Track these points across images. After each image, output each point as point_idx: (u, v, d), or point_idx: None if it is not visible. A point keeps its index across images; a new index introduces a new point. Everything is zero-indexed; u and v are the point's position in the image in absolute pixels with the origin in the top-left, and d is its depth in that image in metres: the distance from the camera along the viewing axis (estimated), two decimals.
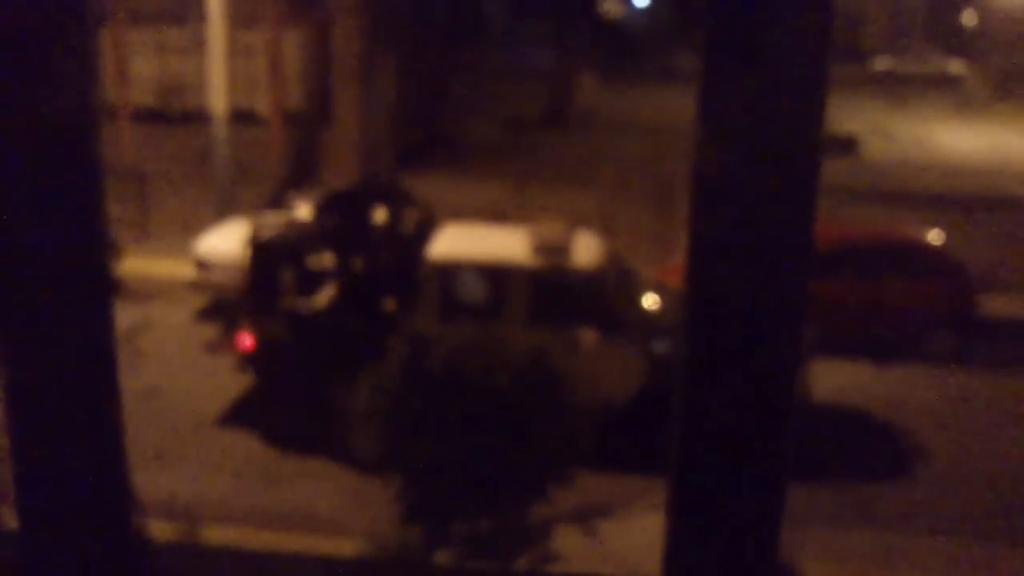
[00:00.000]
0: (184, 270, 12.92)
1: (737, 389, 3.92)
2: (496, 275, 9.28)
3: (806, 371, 9.65)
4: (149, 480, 6.09)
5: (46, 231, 3.97)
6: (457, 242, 9.65)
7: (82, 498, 4.24)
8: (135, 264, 13.37)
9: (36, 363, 4.10)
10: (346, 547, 7.42)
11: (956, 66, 41.96)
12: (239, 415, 9.95)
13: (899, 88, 38.92)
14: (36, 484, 4.23)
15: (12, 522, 6.10)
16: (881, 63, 42.93)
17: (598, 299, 9.27)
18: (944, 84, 39.93)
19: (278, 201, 11.22)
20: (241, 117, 17.44)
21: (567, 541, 7.55)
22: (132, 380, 4.47)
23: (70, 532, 4.27)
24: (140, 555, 4.82)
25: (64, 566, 4.29)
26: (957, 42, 45.01)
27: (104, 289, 4.27)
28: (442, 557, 7.13)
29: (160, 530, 6.30)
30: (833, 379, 10.88)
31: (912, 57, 43.17)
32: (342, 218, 9.68)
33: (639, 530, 7.75)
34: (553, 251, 9.27)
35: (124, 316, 4.11)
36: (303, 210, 10.51)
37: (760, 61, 3.54)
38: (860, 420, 10.46)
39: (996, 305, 13.07)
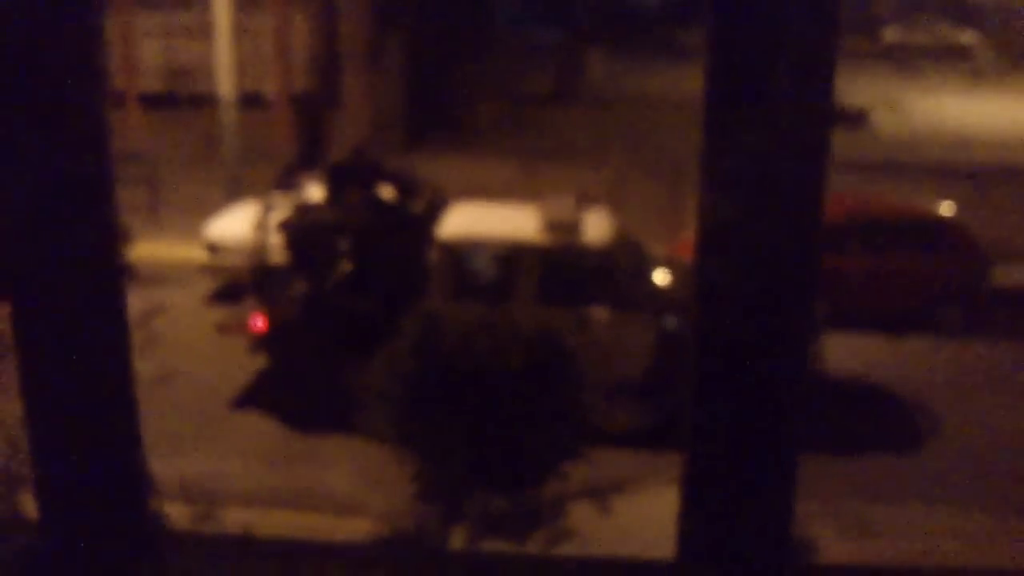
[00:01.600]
0: (195, 254, 12.95)
1: (749, 366, 3.92)
2: (507, 253, 9.28)
3: (819, 346, 9.63)
4: (165, 463, 6.12)
5: (58, 218, 3.98)
6: (467, 221, 9.64)
7: (99, 483, 4.27)
8: (146, 249, 13.40)
9: (51, 350, 4.12)
10: (362, 527, 7.45)
11: (967, 36, 41.65)
12: (253, 397, 9.99)
13: (909, 60, 38.68)
14: (54, 470, 4.26)
15: (30, 509, 6.16)
16: (891, 34, 42.63)
17: (609, 276, 9.27)
18: (955, 55, 39.63)
19: (287, 183, 11.21)
20: (249, 100, 17.45)
21: (581, 518, 7.57)
22: (146, 364, 4.49)
23: (88, 517, 4.30)
24: (157, 538, 4.85)
25: (83, 551, 4.32)
26: (968, 12, 44.65)
27: (117, 275, 4.28)
28: (458, 535, 7.16)
29: (177, 513, 6.33)
30: (846, 353, 10.86)
31: (922, 28, 42.86)
32: (351, 199, 9.67)
33: (653, 506, 7.76)
34: (563, 228, 9.26)
35: (136, 301, 4.13)
36: (313, 192, 10.51)
37: (768, 37, 3.52)
38: (873, 394, 10.45)
39: (1008, 276, 13.02)
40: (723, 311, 3.93)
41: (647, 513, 7.68)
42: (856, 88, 26.50)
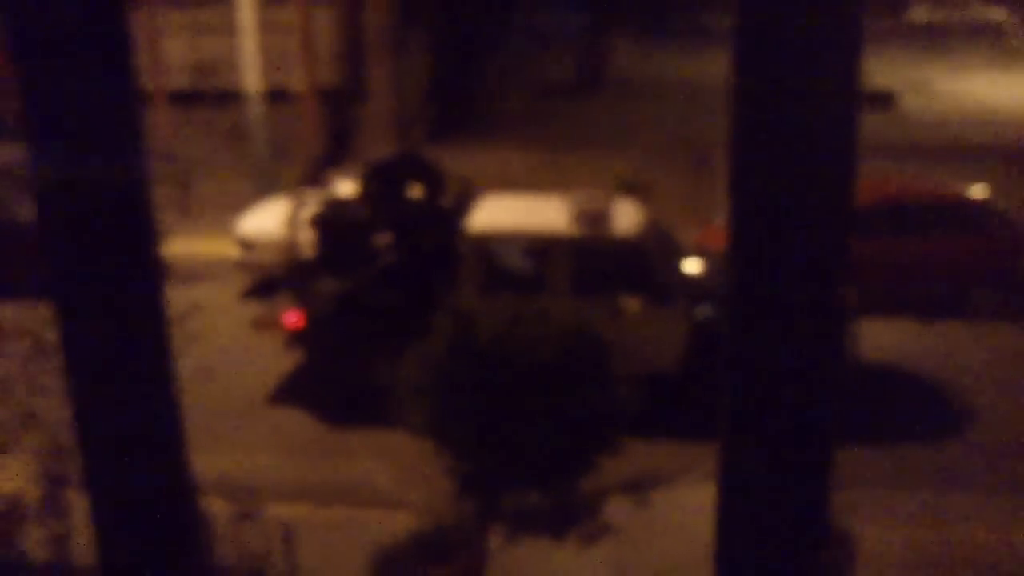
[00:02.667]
0: (227, 250, 13.05)
1: (783, 354, 3.92)
2: (537, 245, 9.29)
3: (852, 332, 9.59)
4: (203, 460, 6.19)
5: (97, 218, 4.03)
6: (497, 214, 9.66)
7: (146, 481, 4.34)
8: (179, 245, 13.52)
9: (94, 351, 4.18)
10: (401, 521, 7.51)
11: (997, 14, 41.12)
12: (289, 392, 10.07)
13: (938, 39, 38.26)
14: (103, 470, 4.33)
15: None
16: (919, 13, 42.17)
17: (640, 266, 9.27)
18: (985, 33, 39.14)
19: (316, 178, 11.28)
20: (276, 95, 17.54)
21: (618, 512, 7.59)
22: (182, 361, 4.53)
23: (137, 514, 4.38)
24: (200, 534, 4.91)
25: (133, 545, 4.40)
26: None
27: (157, 273, 4.34)
28: (495, 530, 7.20)
29: (217, 509, 6.41)
30: (879, 338, 10.81)
31: (951, 6, 42.35)
32: (383, 194, 9.72)
33: (690, 497, 7.77)
34: (593, 219, 9.27)
35: (170, 298, 4.19)
36: (343, 187, 10.56)
37: (795, 18, 3.53)
38: (906, 379, 10.39)
39: None
40: (757, 299, 3.93)
41: (684, 507, 7.69)
42: (884, 69, 26.26)
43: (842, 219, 3.77)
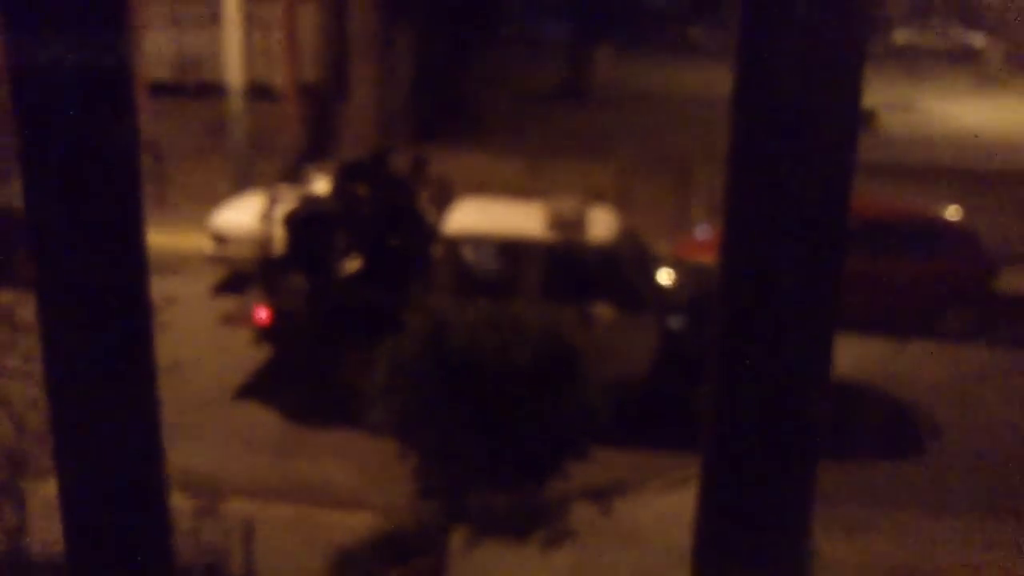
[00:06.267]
0: (201, 243, 12.98)
1: (772, 368, 3.91)
2: (512, 250, 9.29)
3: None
4: (168, 454, 6.14)
5: (85, 211, 3.96)
6: (473, 217, 9.65)
7: (120, 472, 4.29)
8: (152, 238, 13.36)
9: (76, 341, 4.12)
10: (363, 521, 7.48)
11: (977, 39, 41.53)
12: (256, 388, 10.01)
13: (919, 61, 38.59)
14: (75, 464, 4.27)
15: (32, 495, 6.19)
16: (901, 36, 42.53)
17: (613, 274, 9.28)
18: (965, 57, 39.54)
19: (294, 175, 11.26)
20: (257, 90, 17.46)
21: (582, 518, 7.58)
22: None
23: (109, 507, 4.34)
24: (170, 530, 4.87)
25: (103, 538, 4.35)
26: (979, 15, 44.51)
27: (143, 266, 4.28)
28: (458, 533, 7.18)
29: (179, 504, 6.36)
30: (848, 355, 10.83)
31: (933, 30, 42.75)
32: (359, 192, 9.69)
33: (654, 506, 7.77)
34: (568, 226, 9.27)
35: None
36: (320, 184, 10.53)
37: (797, 33, 3.54)
38: (874, 397, 10.44)
39: (1014, 281, 13.00)
40: (747, 312, 3.92)
41: (647, 515, 7.69)
42: (864, 88, 26.38)
43: (837, 235, 3.78)
